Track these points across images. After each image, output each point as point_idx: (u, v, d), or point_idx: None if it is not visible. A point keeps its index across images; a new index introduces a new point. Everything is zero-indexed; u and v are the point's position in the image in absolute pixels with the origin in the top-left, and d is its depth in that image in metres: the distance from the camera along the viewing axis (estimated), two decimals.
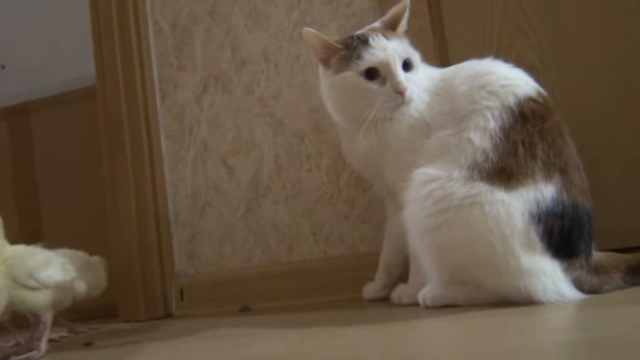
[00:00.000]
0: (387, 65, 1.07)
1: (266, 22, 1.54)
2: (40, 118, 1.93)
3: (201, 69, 1.61)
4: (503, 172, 0.95)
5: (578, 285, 0.92)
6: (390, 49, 1.08)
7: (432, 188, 0.97)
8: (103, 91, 1.65)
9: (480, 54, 1.10)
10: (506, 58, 1.09)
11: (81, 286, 1.28)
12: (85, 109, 1.78)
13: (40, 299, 1.14)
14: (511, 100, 0.99)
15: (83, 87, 1.81)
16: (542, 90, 1.03)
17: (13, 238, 1.21)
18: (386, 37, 1.10)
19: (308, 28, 1.14)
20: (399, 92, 1.06)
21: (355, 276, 1.34)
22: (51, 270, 1.16)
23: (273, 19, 1.54)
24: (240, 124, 1.56)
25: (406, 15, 1.14)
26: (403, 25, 1.14)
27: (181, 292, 1.57)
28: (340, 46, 1.11)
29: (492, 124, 0.98)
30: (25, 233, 1.84)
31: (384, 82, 1.08)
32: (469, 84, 1.04)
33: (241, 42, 1.57)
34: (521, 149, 0.96)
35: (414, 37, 1.22)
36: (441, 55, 1.36)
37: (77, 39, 1.81)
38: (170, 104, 1.64)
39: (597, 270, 0.95)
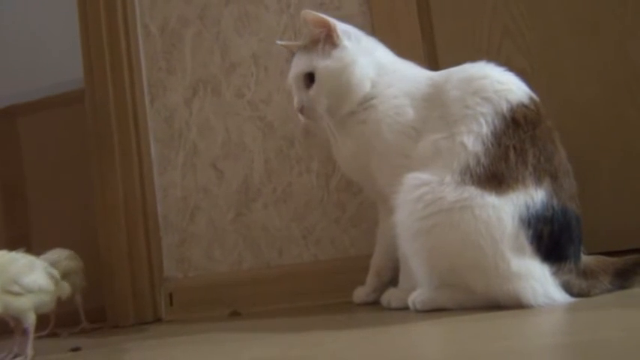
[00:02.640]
0: (293, 84, 1.17)
1: (256, 26, 1.54)
2: (28, 121, 1.92)
3: (190, 72, 1.60)
4: (494, 176, 0.95)
5: (567, 288, 0.93)
6: (295, 67, 1.16)
7: (423, 192, 0.97)
8: (92, 95, 1.64)
9: (470, 58, 1.11)
10: (496, 63, 1.09)
11: (65, 289, 1.27)
12: (74, 113, 1.77)
13: (23, 304, 1.13)
14: (504, 106, 0.99)
15: (72, 90, 1.80)
16: (534, 95, 1.03)
17: (1, 243, 1.20)
18: (301, 53, 1.16)
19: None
20: (298, 110, 1.16)
21: (346, 280, 1.34)
22: (35, 275, 1.16)
23: (263, 22, 1.53)
24: (230, 127, 1.56)
25: (311, 23, 1.13)
26: (315, 34, 1.13)
27: (170, 296, 1.57)
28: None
29: (485, 129, 0.98)
30: (12, 238, 1.83)
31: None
32: (462, 89, 1.03)
33: (231, 46, 1.57)
34: (512, 154, 0.96)
35: (404, 42, 1.23)
36: (430, 60, 1.37)
37: (66, 42, 1.80)
38: (159, 107, 1.63)
39: (586, 274, 0.95)
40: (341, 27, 1.15)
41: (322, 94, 1.12)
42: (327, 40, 1.13)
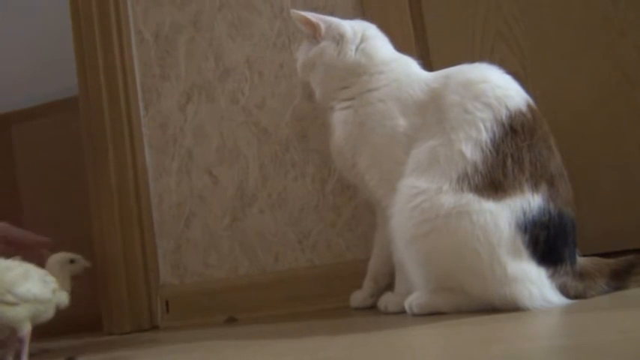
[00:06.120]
0: None
1: (249, 31, 1.54)
2: (22, 129, 1.91)
3: (184, 78, 1.60)
4: (491, 183, 0.95)
5: (564, 291, 0.93)
6: None
7: (421, 200, 0.97)
8: (86, 102, 1.63)
9: (463, 62, 1.11)
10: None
11: (63, 298, 1.26)
12: (68, 120, 1.76)
13: (18, 314, 1.12)
14: (503, 114, 0.98)
15: (65, 97, 1.79)
16: (531, 101, 1.03)
17: None
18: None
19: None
20: None
21: (342, 284, 1.34)
22: (30, 284, 1.14)
23: (257, 27, 1.53)
24: (224, 133, 1.55)
25: (297, 21, 1.23)
26: (304, 30, 1.23)
27: (167, 303, 1.56)
28: None
29: (484, 136, 0.97)
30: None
31: None
32: (461, 94, 1.02)
33: (225, 51, 1.56)
34: (509, 162, 0.96)
35: (396, 45, 1.23)
36: (423, 63, 1.37)
37: (59, 49, 1.79)
38: (154, 114, 1.63)
39: (582, 275, 0.95)
40: (331, 27, 1.20)
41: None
42: (313, 36, 1.21)
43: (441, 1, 1.41)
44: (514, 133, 0.98)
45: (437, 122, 1.03)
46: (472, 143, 0.97)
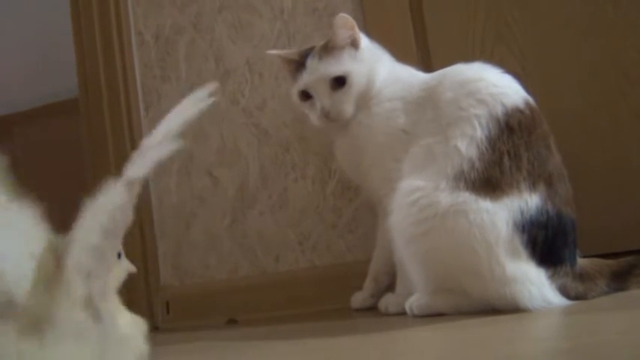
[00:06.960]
0: (313, 88, 1.13)
1: (250, 33, 1.54)
2: (23, 130, 1.91)
3: (185, 80, 1.60)
4: (488, 182, 0.95)
5: (564, 292, 0.93)
6: (318, 71, 1.13)
7: (418, 196, 0.97)
8: (87, 103, 1.64)
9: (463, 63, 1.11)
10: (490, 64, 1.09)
11: None
12: (69, 121, 1.76)
13: None
14: (499, 110, 0.98)
15: (66, 99, 1.79)
16: (530, 99, 1.02)
17: None
18: (320, 57, 1.13)
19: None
20: (324, 115, 1.12)
21: (343, 285, 1.34)
22: None
23: (257, 29, 1.54)
24: (225, 134, 1.55)
25: (343, 27, 1.13)
26: (343, 39, 1.13)
27: (167, 304, 1.56)
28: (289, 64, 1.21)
29: (479, 133, 0.97)
30: None
31: (314, 103, 1.14)
32: (456, 91, 1.02)
33: (225, 52, 1.57)
34: (506, 159, 0.95)
35: (397, 47, 1.23)
36: (423, 65, 1.37)
37: (60, 51, 1.80)
38: (154, 115, 1.63)
39: (582, 276, 0.95)
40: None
41: (352, 96, 1.13)
42: (352, 42, 1.15)
43: (441, 2, 1.42)
44: (510, 131, 0.97)
45: (433, 119, 1.04)
46: (467, 140, 0.97)
